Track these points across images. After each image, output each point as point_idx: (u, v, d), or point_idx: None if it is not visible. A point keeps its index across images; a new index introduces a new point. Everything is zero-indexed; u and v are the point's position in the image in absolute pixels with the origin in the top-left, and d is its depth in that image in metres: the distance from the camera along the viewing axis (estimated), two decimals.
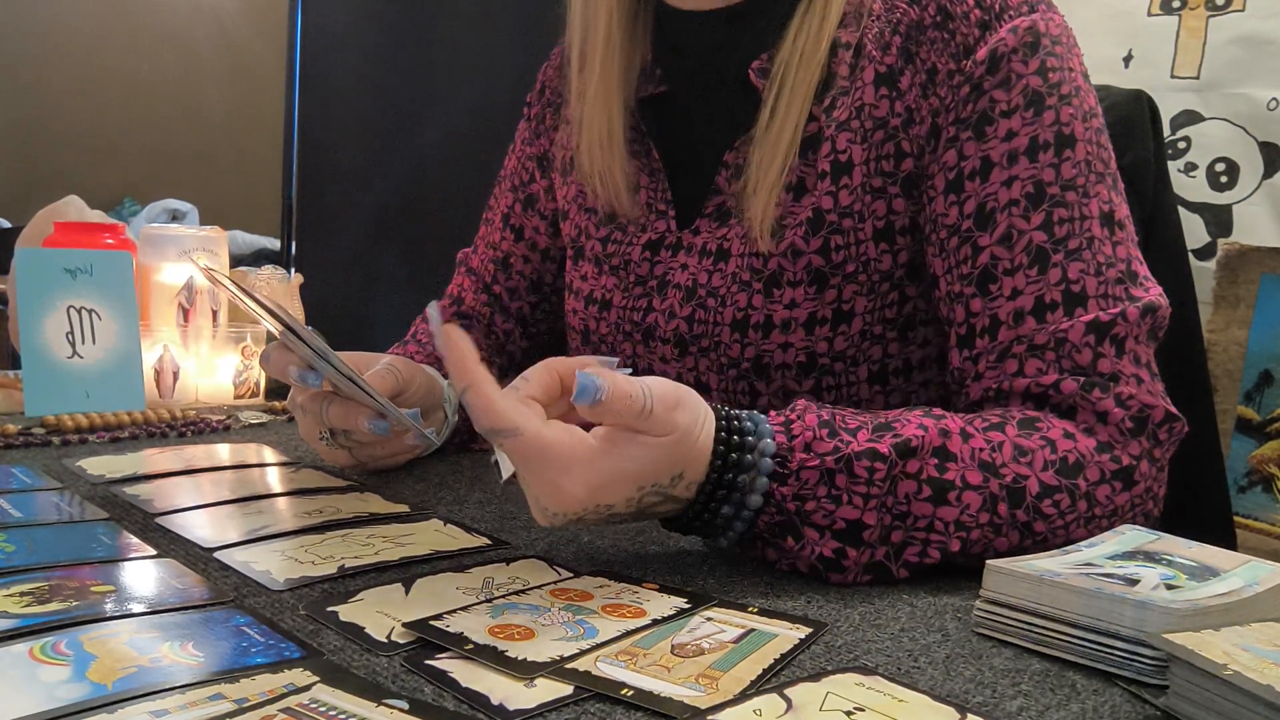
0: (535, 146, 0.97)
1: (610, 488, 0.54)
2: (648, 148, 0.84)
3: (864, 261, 0.75)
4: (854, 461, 0.57)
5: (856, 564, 0.58)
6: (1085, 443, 0.64)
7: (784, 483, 0.57)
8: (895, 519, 0.58)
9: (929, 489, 0.59)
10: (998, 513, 0.60)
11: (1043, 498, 0.61)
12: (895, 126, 0.74)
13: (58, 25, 3.65)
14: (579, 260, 0.90)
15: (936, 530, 0.59)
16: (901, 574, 0.59)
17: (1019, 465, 0.61)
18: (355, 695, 0.41)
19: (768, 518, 0.58)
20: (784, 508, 0.58)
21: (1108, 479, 0.63)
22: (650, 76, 0.85)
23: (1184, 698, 0.42)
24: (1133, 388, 0.66)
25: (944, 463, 0.59)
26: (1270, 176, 1.53)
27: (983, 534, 0.60)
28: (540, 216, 0.97)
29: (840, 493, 0.57)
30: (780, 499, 0.57)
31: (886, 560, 0.59)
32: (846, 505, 0.57)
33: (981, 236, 0.70)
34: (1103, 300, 0.67)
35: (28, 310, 0.97)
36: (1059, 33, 0.73)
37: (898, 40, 0.74)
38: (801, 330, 0.76)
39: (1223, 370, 1.51)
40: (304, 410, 0.76)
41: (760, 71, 0.77)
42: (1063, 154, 0.70)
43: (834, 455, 0.57)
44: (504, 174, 1.01)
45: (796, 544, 0.58)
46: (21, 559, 0.56)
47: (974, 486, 0.60)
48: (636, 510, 0.57)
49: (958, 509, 0.59)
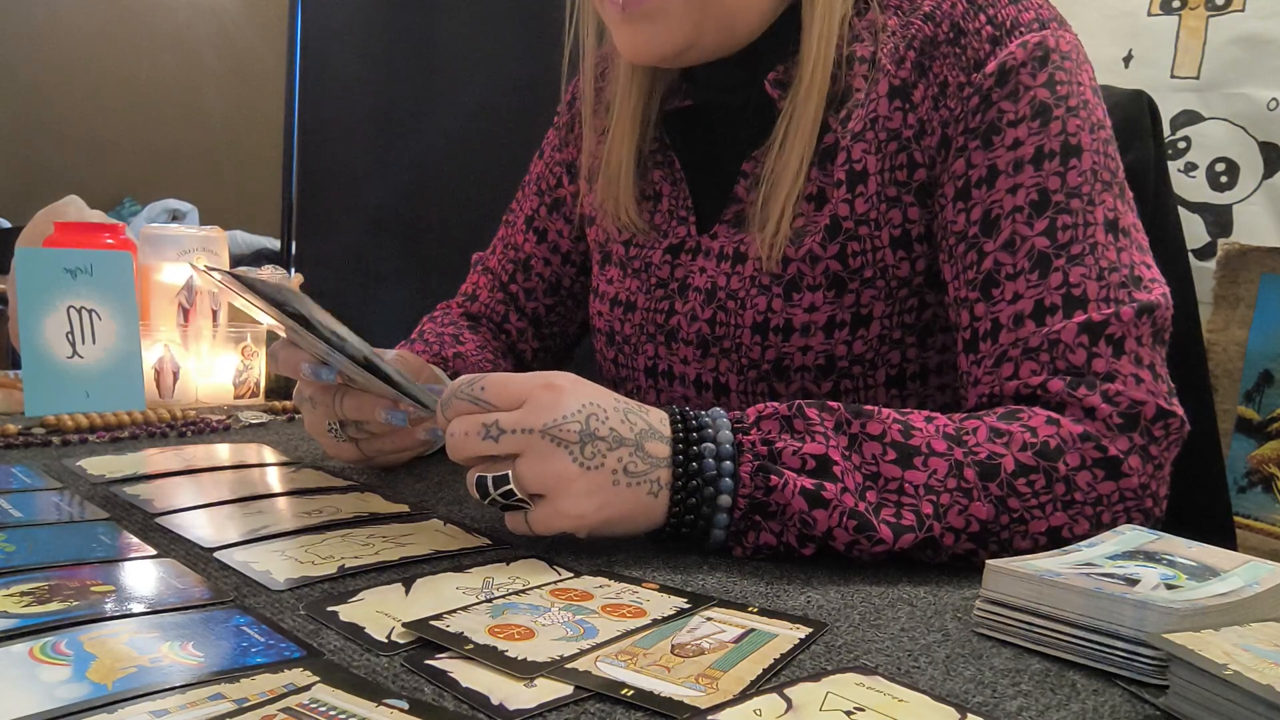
0: (564, 154, 1.00)
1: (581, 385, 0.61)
2: (670, 159, 0.87)
3: (882, 268, 0.77)
4: (805, 408, 0.63)
5: (838, 499, 0.60)
6: (1069, 429, 0.64)
7: (747, 432, 0.62)
8: (867, 479, 0.61)
9: (894, 452, 0.62)
10: (964, 478, 0.61)
11: (1018, 476, 0.62)
12: (908, 138, 0.76)
13: (58, 25, 3.65)
14: (605, 264, 0.92)
15: (907, 493, 0.61)
16: (884, 532, 0.60)
17: (993, 445, 0.63)
18: (355, 695, 0.41)
19: (747, 465, 0.61)
20: (756, 450, 0.61)
21: (1089, 465, 0.63)
22: (676, 91, 0.87)
23: (1184, 698, 0.43)
24: (1124, 385, 0.66)
25: (908, 430, 0.63)
26: (1270, 176, 1.53)
27: (953, 499, 0.61)
28: (565, 220, 1.00)
29: (802, 434, 0.62)
30: (750, 445, 0.62)
31: (868, 514, 0.60)
32: (811, 442, 0.61)
33: (986, 242, 0.71)
34: (1103, 304, 0.68)
35: (28, 310, 0.97)
36: (1069, 49, 0.74)
37: (912, 55, 0.76)
38: (821, 333, 0.78)
39: (1223, 370, 1.51)
40: (313, 402, 0.76)
41: (776, 83, 0.79)
42: (1069, 163, 0.70)
43: (787, 407, 0.63)
44: (529, 178, 1.03)
45: (779, 481, 0.60)
46: (21, 559, 0.56)
47: (939, 453, 0.62)
48: (634, 437, 0.60)
49: (925, 473, 0.61)
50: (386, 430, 0.76)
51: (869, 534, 0.59)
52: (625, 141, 0.87)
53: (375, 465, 0.82)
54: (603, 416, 0.59)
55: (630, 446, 0.60)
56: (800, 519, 0.60)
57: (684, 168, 0.86)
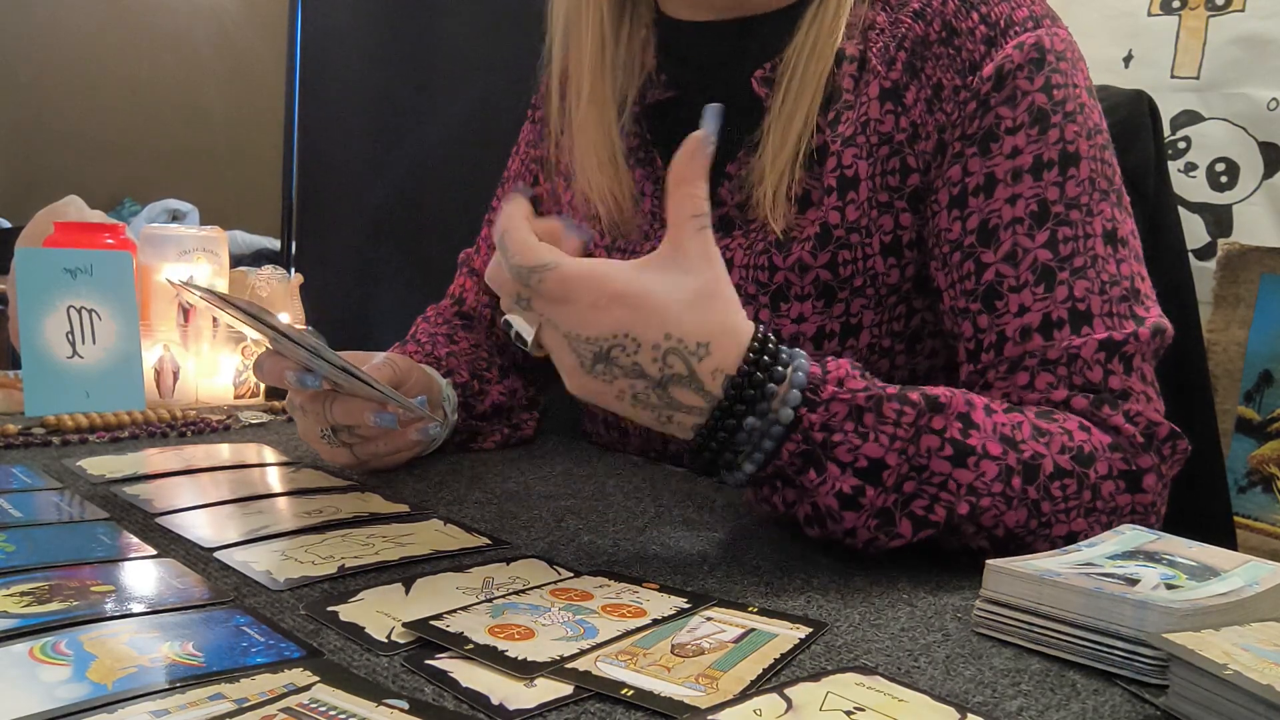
0: (539, 149, 0.97)
1: (642, 311, 0.54)
2: (652, 156, 0.84)
3: (871, 276, 0.76)
4: (884, 402, 0.58)
5: (872, 505, 0.58)
6: (1099, 437, 0.64)
7: (813, 410, 0.57)
8: (913, 469, 0.58)
9: (951, 448, 0.59)
10: (1011, 485, 0.60)
11: (1055, 479, 0.61)
12: (900, 141, 0.75)
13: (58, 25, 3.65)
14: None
15: (949, 489, 0.59)
16: (904, 525, 0.59)
17: (1037, 444, 0.62)
18: (355, 695, 0.41)
19: (793, 445, 0.57)
20: (811, 436, 0.57)
21: (1114, 476, 0.63)
22: (655, 82, 0.85)
23: (1184, 698, 0.42)
24: (1140, 405, 0.66)
25: (968, 428, 0.60)
26: (1270, 176, 1.53)
27: (993, 503, 0.60)
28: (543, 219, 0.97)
29: (868, 430, 0.57)
30: (809, 426, 0.57)
31: (894, 508, 0.58)
32: (872, 443, 0.57)
33: (985, 253, 0.71)
34: (1109, 319, 0.68)
35: (28, 310, 0.97)
36: (1064, 48, 0.74)
37: (903, 55, 0.75)
38: (810, 345, 0.77)
39: (1223, 370, 1.51)
40: (303, 410, 0.76)
41: (763, 80, 0.78)
42: (1067, 172, 0.70)
43: (865, 393, 0.58)
44: (507, 175, 1.01)
45: (818, 478, 0.58)
46: (21, 559, 0.56)
47: (993, 456, 0.60)
48: (660, 375, 0.56)
49: (974, 474, 0.59)
50: (378, 433, 0.76)
51: (888, 530, 0.59)
52: (606, 129, 0.83)
53: (371, 468, 0.82)
54: (630, 349, 0.55)
55: (649, 382, 0.56)
56: (828, 513, 0.59)
57: (666, 167, 0.84)
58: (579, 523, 0.69)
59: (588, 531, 0.67)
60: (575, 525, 0.69)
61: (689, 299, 0.55)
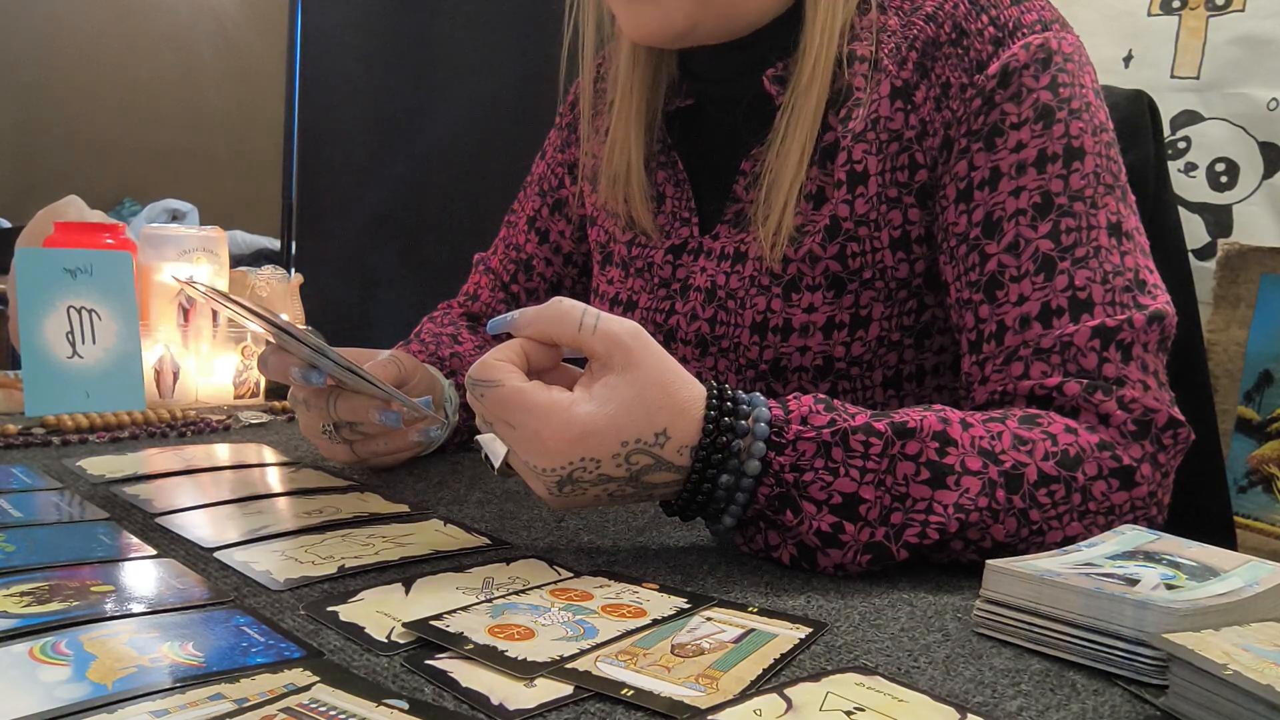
0: (566, 154, 1.00)
1: (591, 438, 0.56)
2: (673, 159, 0.87)
3: (881, 269, 0.77)
4: (850, 435, 0.58)
5: (855, 540, 0.58)
6: (1086, 438, 0.64)
7: (781, 452, 0.58)
8: (895, 500, 0.59)
9: (928, 471, 0.59)
10: (996, 498, 0.60)
11: (1040, 486, 0.61)
12: (910, 139, 0.76)
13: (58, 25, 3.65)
14: (606, 265, 0.92)
15: (936, 512, 0.59)
16: (902, 555, 0.59)
17: (1018, 453, 0.62)
18: (355, 695, 0.41)
19: (767, 489, 0.58)
20: (782, 478, 0.58)
21: (1105, 475, 0.63)
22: (678, 91, 0.87)
23: (1184, 698, 0.42)
24: (1137, 392, 0.66)
25: (944, 447, 0.60)
26: (1270, 176, 1.53)
27: (981, 517, 0.60)
28: (567, 221, 1.00)
29: (837, 465, 0.58)
30: (779, 469, 0.58)
31: (887, 541, 0.59)
32: (843, 478, 0.58)
33: (989, 245, 0.71)
34: (1109, 307, 0.68)
35: (28, 310, 0.97)
36: (1071, 51, 0.74)
37: (914, 56, 0.76)
38: (819, 334, 0.78)
39: (1223, 370, 1.51)
40: (307, 405, 0.77)
41: (775, 79, 0.79)
42: (1071, 166, 0.70)
43: (830, 428, 0.59)
44: (531, 179, 1.03)
45: (795, 518, 0.58)
46: (21, 559, 0.56)
47: (973, 472, 0.60)
48: (629, 474, 0.58)
49: (956, 493, 0.59)
50: (380, 431, 0.76)
51: (884, 559, 0.59)
52: (632, 143, 0.86)
53: (370, 467, 0.82)
54: (591, 468, 0.57)
55: (620, 482, 0.58)
56: (815, 550, 0.59)
57: (687, 169, 0.86)
58: (579, 523, 0.70)
59: (588, 532, 0.67)
60: (575, 525, 0.69)
61: (630, 405, 0.56)
